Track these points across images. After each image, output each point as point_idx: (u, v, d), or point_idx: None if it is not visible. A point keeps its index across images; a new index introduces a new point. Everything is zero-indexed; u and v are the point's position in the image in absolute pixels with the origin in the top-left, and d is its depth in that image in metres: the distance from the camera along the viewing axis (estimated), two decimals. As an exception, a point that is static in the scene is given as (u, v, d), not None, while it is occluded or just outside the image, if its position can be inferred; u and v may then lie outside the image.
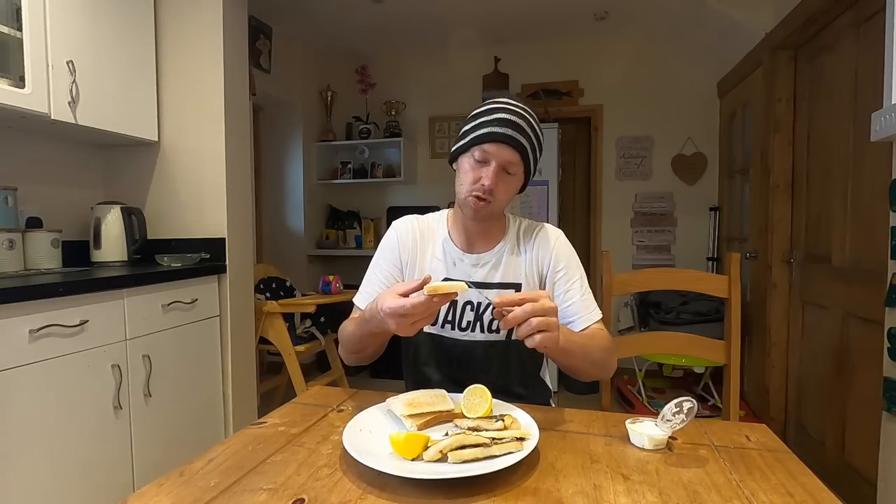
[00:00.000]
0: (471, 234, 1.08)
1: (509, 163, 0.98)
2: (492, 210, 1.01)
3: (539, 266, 1.07)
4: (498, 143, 0.96)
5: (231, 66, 2.08)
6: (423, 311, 0.77)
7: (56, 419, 1.37)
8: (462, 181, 1.01)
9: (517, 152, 0.98)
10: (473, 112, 1.03)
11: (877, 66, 1.46)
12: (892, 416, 1.36)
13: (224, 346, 2.05)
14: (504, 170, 0.99)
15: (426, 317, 0.79)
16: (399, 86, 3.92)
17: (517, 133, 0.97)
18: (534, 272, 1.07)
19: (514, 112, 0.99)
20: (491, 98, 1.04)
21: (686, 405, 0.73)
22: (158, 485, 0.63)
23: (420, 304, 0.76)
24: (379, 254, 1.14)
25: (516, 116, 0.98)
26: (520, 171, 1.01)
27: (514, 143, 0.97)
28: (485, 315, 1.05)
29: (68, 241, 1.92)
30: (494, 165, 0.97)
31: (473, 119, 1.02)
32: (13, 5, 1.54)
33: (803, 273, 2.32)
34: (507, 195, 1.02)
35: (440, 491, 0.61)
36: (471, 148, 1.00)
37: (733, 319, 1.28)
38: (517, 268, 1.07)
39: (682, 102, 3.46)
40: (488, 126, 0.97)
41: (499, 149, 0.97)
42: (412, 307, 0.76)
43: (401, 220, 1.15)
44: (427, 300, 0.75)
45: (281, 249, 3.68)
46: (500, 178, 0.99)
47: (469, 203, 1.00)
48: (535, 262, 1.07)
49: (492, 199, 0.99)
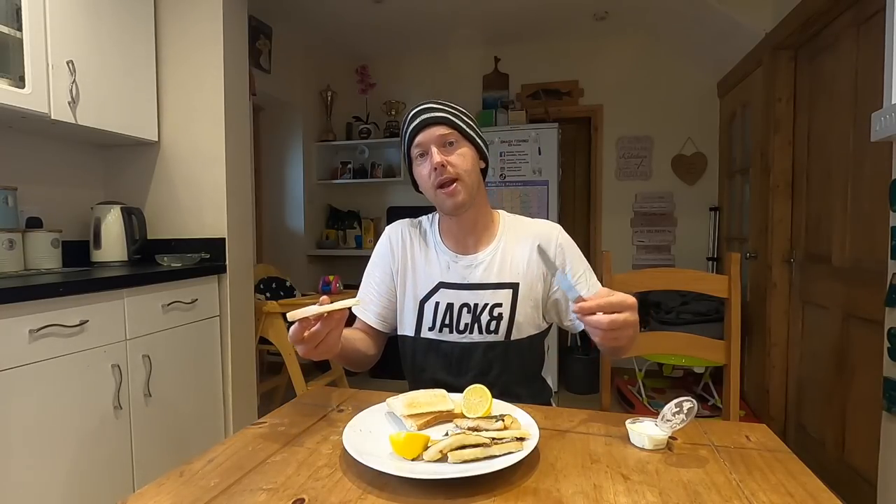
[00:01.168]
0: (461, 236, 1.07)
1: (442, 136, 0.99)
2: (465, 189, 1.00)
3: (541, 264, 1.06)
4: (422, 129, 1.00)
5: (231, 66, 2.08)
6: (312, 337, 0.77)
7: (56, 419, 1.37)
8: (424, 186, 1.03)
9: (442, 125, 0.99)
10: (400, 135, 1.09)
11: (877, 66, 1.46)
12: (892, 416, 1.36)
13: (224, 346, 2.05)
14: (444, 144, 1.00)
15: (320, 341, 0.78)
16: (399, 86, 3.92)
17: (432, 112, 1.00)
18: (535, 269, 1.05)
19: (421, 104, 1.04)
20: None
21: (686, 405, 0.73)
22: (158, 485, 0.63)
23: (295, 331, 0.77)
24: (371, 262, 1.15)
25: (425, 104, 1.03)
26: (460, 137, 1.01)
27: (434, 119, 0.99)
28: (482, 316, 1.04)
29: (68, 241, 1.92)
30: (432, 147, 0.99)
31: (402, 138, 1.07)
32: (13, 5, 1.54)
33: (803, 273, 2.32)
34: (465, 164, 1.00)
35: (440, 491, 0.61)
36: (410, 153, 1.04)
37: (733, 319, 1.28)
38: (514, 267, 1.05)
39: (682, 102, 3.46)
40: (409, 126, 1.02)
41: (427, 133, 0.99)
42: (292, 336, 0.78)
43: (393, 225, 1.15)
44: (297, 328, 0.76)
45: (281, 249, 3.68)
46: (445, 152, 0.99)
47: (442, 198, 1.00)
48: (537, 260, 1.05)
49: (454, 175, 0.98)
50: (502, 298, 1.04)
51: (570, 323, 1.08)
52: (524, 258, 1.06)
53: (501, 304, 1.04)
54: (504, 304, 1.04)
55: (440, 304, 1.06)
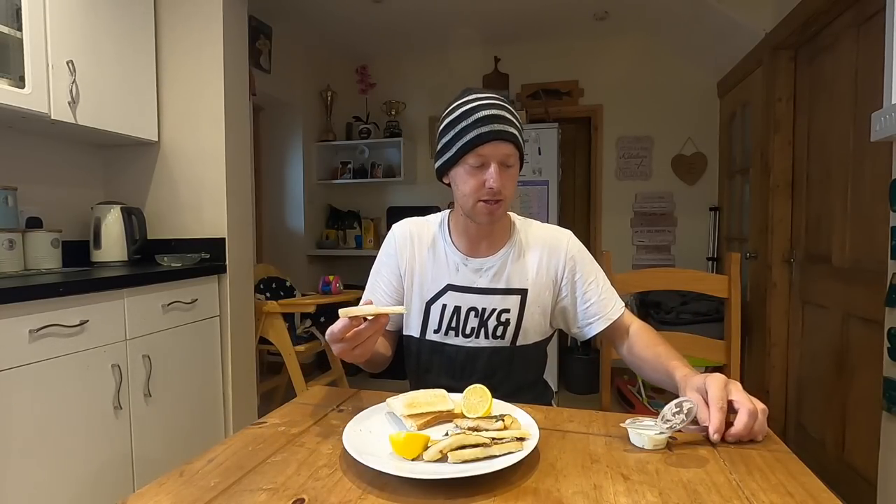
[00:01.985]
0: (474, 238, 1.05)
1: (506, 156, 0.95)
2: (504, 211, 1.00)
3: (552, 271, 1.05)
4: (490, 142, 0.93)
5: (231, 66, 2.08)
6: (354, 336, 0.77)
7: (56, 419, 1.37)
8: (464, 191, 0.97)
9: (510, 143, 0.94)
10: (448, 120, 0.98)
11: (877, 66, 1.46)
12: (892, 416, 1.36)
13: (224, 346, 2.05)
14: (505, 165, 0.96)
15: (362, 341, 0.78)
16: (399, 86, 3.92)
17: (504, 125, 0.94)
18: (544, 277, 1.04)
19: (490, 105, 0.95)
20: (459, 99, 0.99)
21: (686, 405, 0.73)
22: (158, 485, 0.63)
23: (342, 329, 0.76)
24: (379, 260, 1.13)
25: (495, 109, 0.94)
26: (517, 159, 0.98)
27: (506, 135, 0.93)
28: (489, 321, 1.03)
29: (68, 241, 1.92)
30: (494, 165, 0.94)
31: (451, 127, 0.96)
32: (13, 5, 1.54)
33: (803, 273, 2.32)
34: (513, 187, 1.00)
35: (440, 491, 0.61)
36: (463, 156, 0.95)
37: (733, 319, 1.28)
38: (523, 273, 1.04)
39: (682, 102, 3.46)
40: (473, 129, 0.93)
41: (493, 147, 0.93)
42: (338, 333, 0.76)
43: (399, 224, 1.13)
44: (346, 325, 0.76)
45: (281, 249, 3.68)
46: (503, 173, 0.95)
47: (480, 210, 0.97)
48: (546, 268, 1.04)
49: (503, 198, 0.97)
50: (510, 304, 1.03)
51: (579, 330, 1.07)
52: (534, 265, 1.04)
53: (509, 310, 1.03)
54: (512, 311, 1.03)
55: (447, 306, 1.04)
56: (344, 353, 0.80)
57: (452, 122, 0.97)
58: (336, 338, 0.77)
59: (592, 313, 1.03)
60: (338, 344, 0.78)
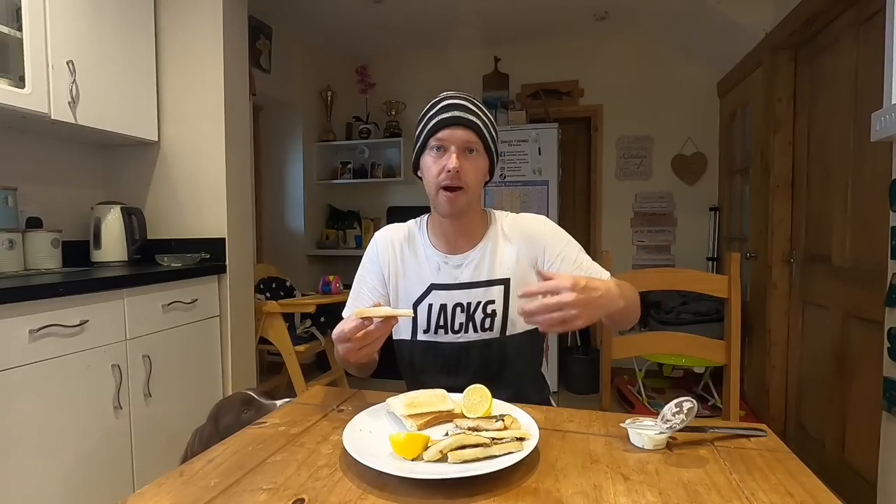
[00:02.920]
0: (451, 235, 1.07)
1: (466, 141, 0.98)
2: (467, 199, 0.99)
3: (531, 257, 1.05)
4: (450, 126, 0.97)
5: (231, 66, 2.08)
6: (364, 336, 0.80)
7: (56, 419, 1.37)
8: (428, 179, 1.01)
9: (471, 130, 0.98)
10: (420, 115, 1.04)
11: (877, 66, 1.46)
12: (892, 416, 1.36)
13: (224, 346, 2.05)
14: (466, 149, 0.98)
15: (371, 342, 0.81)
16: (399, 86, 3.91)
17: (465, 112, 0.98)
18: (525, 264, 1.05)
19: (456, 97, 1.01)
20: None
21: (686, 405, 0.73)
22: (158, 485, 0.63)
23: (354, 328, 0.79)
24: (362, 267, 1.15)
25: (459, 100, 1.00)
26: (481, 148, 1.00)
27: (465, 121, 0.97)
28: (476, 314, 1.04)
29: (68, 241, 1.92)
30: (454, 148, 0.97)
31: (422, 120, 1.03)
32: (13, 5, 1.54)
33: (803, 273, 2.32)
34: (476, 177, 1.00)
35: (440, 491, 0.61)
36: (427, 143, 1.00)
37: (733, 319, 1.28)
38: (503, 263, 1.05)
39: (682, 102, 3.46)
40: (436, 116, 0.99)
41: (452, 131, 0.97)
42: (349, 332, 0.80)
43: (380, 231, 1.16)
44: (358, 324, 0.79)
45: (281, 249, 3.68)
46: (463, 159, 0.98)
47: (442, 199, 0.99)
48: (526, 254, 1.05)
49: (462, 185, 0.97)
50: (494, 295, 1.04)
51: None
52: (513, 253, 1.05)
53: (494, 301, 1.04)
54: (497, 301, 1.04)
55: (433, 305, 1.06)
56: (349, 353, 0.82)
57: (420, 118, 1.04)
58: (345, 337, 0.80)
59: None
60: (345, 344, 0.81)
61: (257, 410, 1.00)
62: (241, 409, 1.02)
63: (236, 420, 1.00)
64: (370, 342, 0.81)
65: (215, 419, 1.03)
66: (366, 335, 0.80)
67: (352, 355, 0.83)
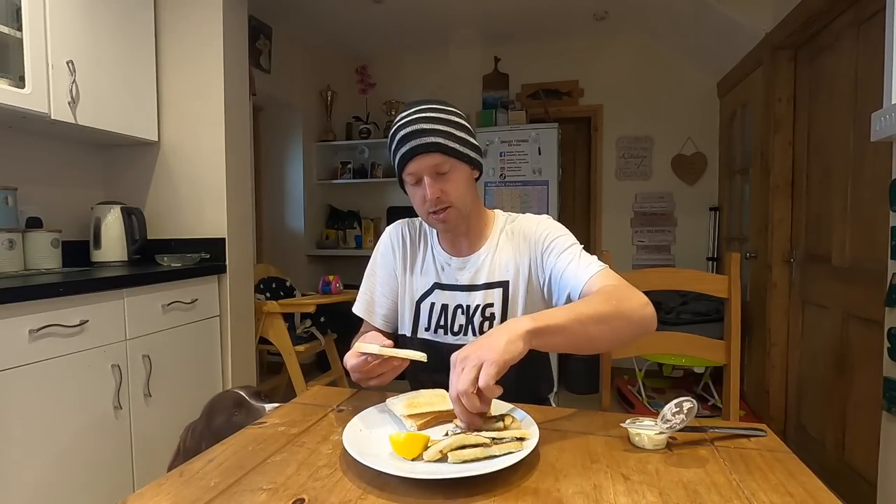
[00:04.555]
0: (454, 239, 1.08)
1: (434, 166, 0.96)
2: (458, 213, 0.99)
3: (529, 254, 1.04)
4: (412, 159, 0.96)
5: (231, 66, 2.08)
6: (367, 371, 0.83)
7: (56, 419, 1.37)
8: (416, 207, 1.02)
9: (436, 153, 0.95)
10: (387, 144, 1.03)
11: (877, 66, 1.46)
12: (892, 416, 1.36)
13: (224, 346, 2.05)
14: (438, 173, 0.96)
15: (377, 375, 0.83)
16: (399, 86, 3.91)
17: (424, 137, 0.94)
18: (524, 263, 1.04)
19: (411, 120, 0.96)
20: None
21: (686, 405, 0.73)
22: (158, 485, 0.63)
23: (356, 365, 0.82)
24: (373, 261, 1.15)
25: (415, 123, 0.96)
26: (455, 163, 0.97)
27: (426, 146, 0.94)
28: (475, 317, 1.04)
29: (68, 241, 1.92)
30: (426, 178, 0.96)
31: (389, 149, 1.02)
32: (13, 5, 1.54)
33: (803, 273, 2.32)
34: (459, 189, 0.99)
35: (440, 491, 0.61)
36: (401, 175, 1.01)
37: (733, 319, 1.28)
38: (502, 266, 1.05)
39: (682, 102, 3.46)
40: (398, 150, 0.97)
41: (417, 163, 0.96)
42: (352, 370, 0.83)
43: (393, 225, 1.16)
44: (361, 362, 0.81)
45: (281, 249, 3.68)
46: (439, 183, 0.96)
47: (433, 221, 1.01)
48: (524, 253, 1.04)
49: (448, 204, 0.97)
50: (493, 299, 1.04)
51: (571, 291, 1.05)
52: (513, 256, 1.05)
53: (493, 305, 1.04)
54: (496, 305, 1.04)
55: (435, 304, 1.07)
56: (361, 382, 0.86)
57: (388, 145, 1.03)
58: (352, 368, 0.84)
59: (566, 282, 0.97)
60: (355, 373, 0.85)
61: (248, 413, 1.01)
62: (233, 411, 1.02)
63: (227, 421, 1.00)
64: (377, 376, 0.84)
65: (208, 416, 1.03)
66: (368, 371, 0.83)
67: (363, 383, 0.86)
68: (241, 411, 1.02)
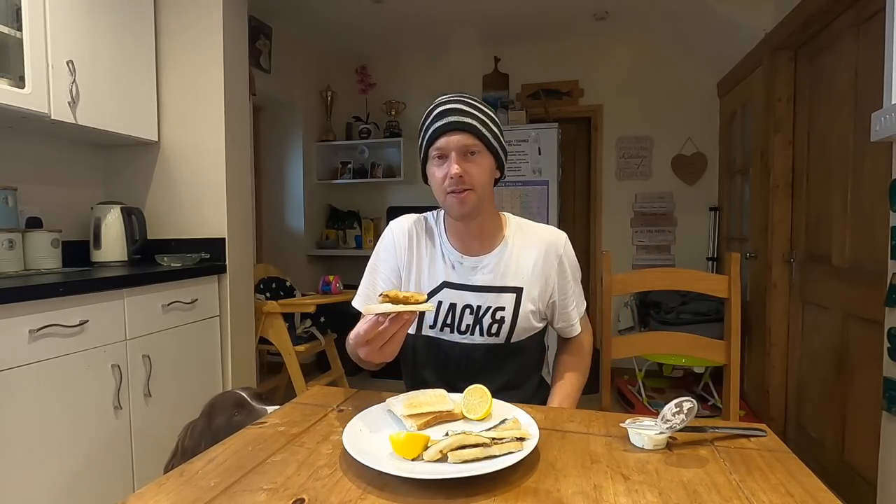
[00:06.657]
0: (466, 236, 1.06)
1: (465, 145, 0.97)
2: (477, 198, 0.98)
3: (546, 270, 1.06)
4: (446, 133, 0.97)
5: (231, 66, 2.08)
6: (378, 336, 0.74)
7: (56, 419, 1.37)
8: (435, 186, 1.01)
9: (468, 133, 0.97)
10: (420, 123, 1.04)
11: (877, 66, 1.46)
12: (892, 416, 1.36)
13: (224, 346, 2.05)
14: (466, 153, 0.97)
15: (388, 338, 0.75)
16: (399, 86, 3.91)
17: (460, 116, 0.97)
18: (540, 275, 1.05)
19: (450, 101, 1.00)
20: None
21: (686, 405, 0.73)
22: (158, 485, 0.63)
23: (369, 328, 0.74)
24: (376, 255, 1.13)
25: (454, 104, 0.99)
26: (483, 149, 0.99)
27: (461, 125, 0.96)
28: (484, 319, 1.03)
29: (68, 241, 1.91)
30: (454, 154, 0.97)
31: (421, 129, 1.03)
32: (13, 5, 1.54)
33: (803, 273, 2.32)
34: (483, 177, 0.99)
35: (440, 491, 0.61)
36: (428, 153, 1.00)
37: (733, 319, 1.28)
38: (518, 271, 1.05)
39: (682, 102, 3.46)
40: (432, 125, 0.99)
41: (448, 138, 0.97)
42: (364, 333, 0.75)
43: (397, 220, 1.14)
44: (373, 322, 0.74)
45: (281, 249, 3.68)
46: (465, 162, 0.97)
47: (450, 202, 0.99)
48: (542, 267, 1.05)
49: (469, 186, 0.97)
50: (505, 302, 1.03)
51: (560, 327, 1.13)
52: (530, 263, 1.05)
53: (504, 308, 1.03)
54: (507, 308, 1.03)
55: (443, 303, 1.05)
56: (371, 354, 0.78)
57: (420, 127, 1.04)
58: (362, 340, 0.76)
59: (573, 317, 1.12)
60: (364, 347, 0.77)
61: (248, 414, 1.00)
62: (233, 412, 1.02)
63: (227, 422, 1.00)
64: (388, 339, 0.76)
65: (208, 416, 1.03)
66: (380, 335, 0.74)
67: (374, 356, 0.78)
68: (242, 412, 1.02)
